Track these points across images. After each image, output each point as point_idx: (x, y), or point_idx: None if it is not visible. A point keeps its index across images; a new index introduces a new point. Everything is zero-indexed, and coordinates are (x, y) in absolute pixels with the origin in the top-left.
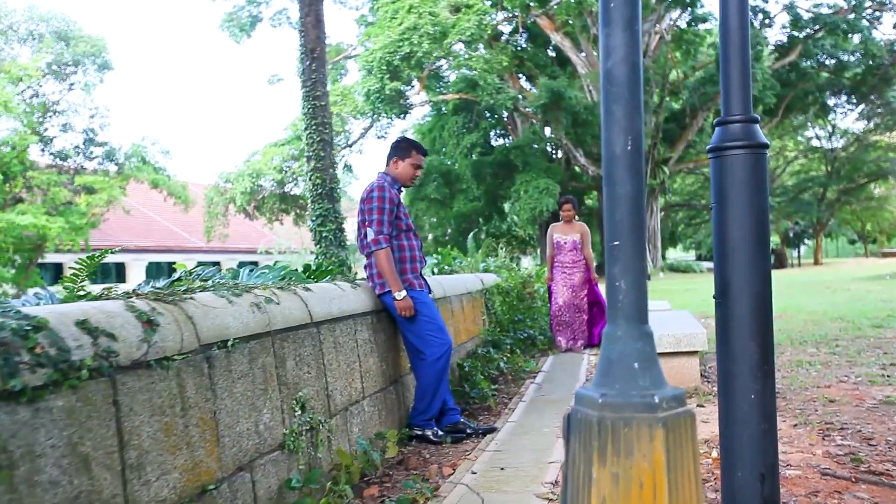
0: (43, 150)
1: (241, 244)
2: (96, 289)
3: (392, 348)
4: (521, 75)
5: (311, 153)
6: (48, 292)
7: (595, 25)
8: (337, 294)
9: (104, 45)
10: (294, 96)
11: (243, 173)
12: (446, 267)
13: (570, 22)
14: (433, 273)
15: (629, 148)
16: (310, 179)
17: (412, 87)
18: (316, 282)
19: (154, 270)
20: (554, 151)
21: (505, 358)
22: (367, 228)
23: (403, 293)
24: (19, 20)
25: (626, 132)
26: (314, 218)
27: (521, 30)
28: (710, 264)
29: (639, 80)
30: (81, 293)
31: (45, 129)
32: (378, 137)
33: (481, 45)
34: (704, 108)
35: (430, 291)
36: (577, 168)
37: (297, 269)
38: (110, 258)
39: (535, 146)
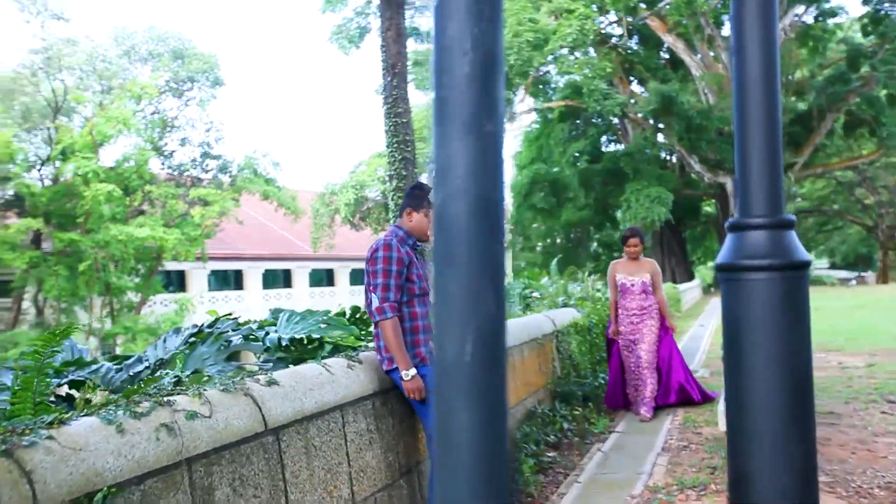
0: (163, 164)
1: (353, 252)
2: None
3: (406, 432)
4: (632, 79)
5: (393, 172)
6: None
7: (710, 26)
8: (320, 380)
9: (216, 62)
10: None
11: (347, 185)
12: (534, 293)
13: (684, 23)
14: (517, 301)
15: None
16: (392, 200)
17: (515, 94)
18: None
19: (270, 278)
20: (668, 158)
21: (572, 414)
22: (372, 294)
23: (412, 372)
24: (140, 41)
25: None
26: None
27: (626, 33)
28: (845, 273)
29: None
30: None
31: (165, 144)
32: None
33: (589, 50)
34: (833, 109)
35: None
36: (693, 175)
37: (341, 315)
38: (227, 265)
39: (647, 152)
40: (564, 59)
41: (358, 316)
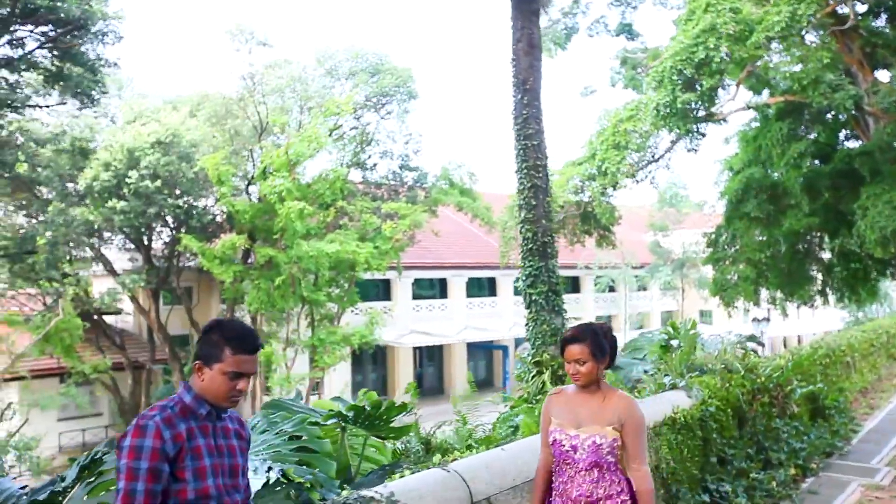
0: (363, 178)
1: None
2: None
3: None
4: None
5: (521, 201)
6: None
7: None
8: None
9: (410, 75)
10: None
11: None
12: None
13: None
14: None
15: None
16: (521, 232)
17: (726, 90)
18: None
19: (475, 286)
20: None
21: None
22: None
23: None
24: (340, 60)
25: None
26: (524, 277)
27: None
28: None
29: None
30: None
31: (368, 157)
32: (688, 151)
33: (810, 35)
34: None
35: None
36: None
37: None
38: (432, 274)
39: (893, 152)
40: (786, 46)
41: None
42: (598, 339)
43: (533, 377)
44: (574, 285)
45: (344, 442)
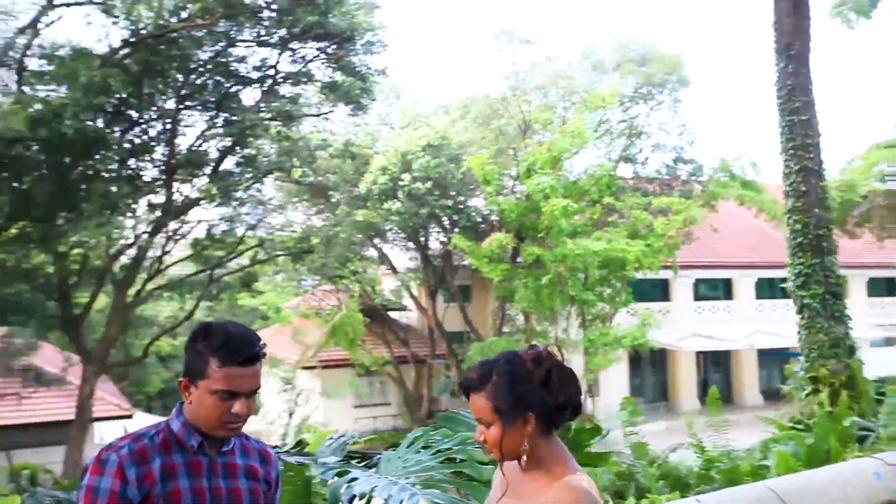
0: (634, 173)
1: (862, 258)
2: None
3: None
4: None
5: (788, 188)
6: None
7: None
8: None
9: (680, 62)
10: None
11: (831, 185)
12: None
13: None
14: None
15: None
16: (788, 224)
17: None
18: None
19: (765, 287)
20: None
21: None
22: None
23: None
24: (606, 52)
25: None
26: (792, 277)
27: None
28: None
29: None
30: None
31: (639, 151)
32: None
33: None
34: None
35: None
36: None
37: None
38: (716, 274)
39: None
40: None
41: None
42: (505, 385)
43: (807, 395)
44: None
45: None
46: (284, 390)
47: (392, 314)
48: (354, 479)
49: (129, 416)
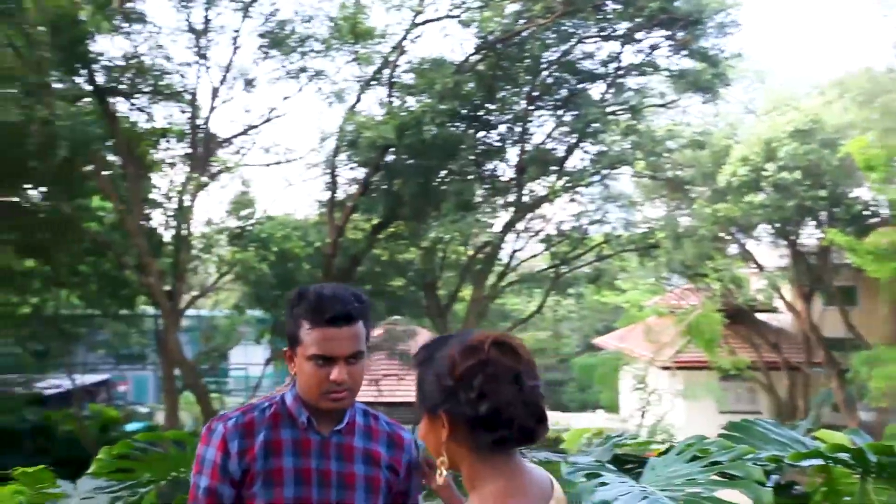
0: None
1: None
2: None
3: None
4: None
5: None
6: None
7: None
8: None
9: None
10: None
11: None
12: None
13: None
14: None
15: None
16: None
17: None
18: None
19: None
20: None
21: None
22: None
23: None
24: None
25: None
26: None
27: None
28: None
29: None
30: None
31: None
32: None
33: None
34: None
35: None
36: None
37: None
38: None
39: None
40: None
41: None
42: (422, 371)
43: None
44: None
45: (865, 499)
46: (637, 389)
47: (760, 316)
48: (604, 484)
49: None
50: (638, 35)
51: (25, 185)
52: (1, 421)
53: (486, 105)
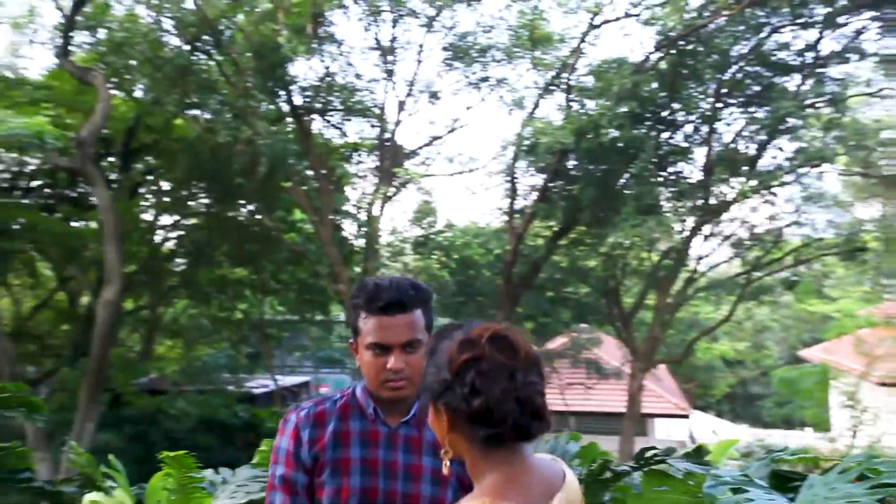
0: None
1: None
2: None
3: None
4: None
5: None
6: None
7: None
8: None
9: None
10: None
11: None
12: None
13: None
14: None
15: None
16: None
17: None
18: None
19: None
20: None
21: None
22: None
23: None
24: None
25: None
26: None
27: None
28: None
29: None
30: None
31: None
32: None
33: None
34: None
35: None
36: None
37: None
38: None
39: None
40: None
41: None
42: (427, 360)
43: None
44: None
45: None
46: (847, 406)
47: None
48: (749, 501)
49: (685, 416)
50: (840, 19)
51: (239, 202)
52: (219, 416)
53: (670, 105)
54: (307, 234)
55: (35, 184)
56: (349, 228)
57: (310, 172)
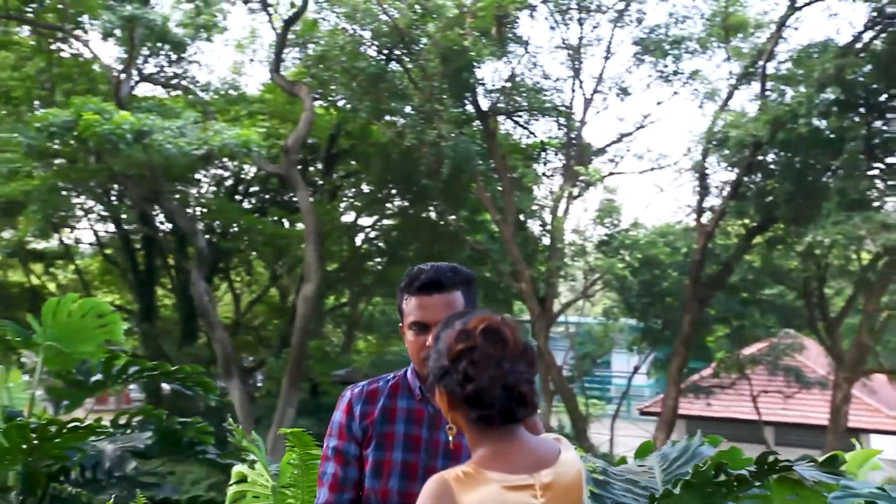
0: None
1: None
2: None
3: None
4: None
5: None
6: None
7: None
8: None
9: None
10: None
11: None
12: None
13: None
14: None
15: None
16: None
17: None
18: None
19: None
20: None
21: None
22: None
23: None
24: None
25: None
26: None
27: None
28: None
29: None
30: None
31: None
32: None
33: None
34: None
35: None
36: None
37: None
38: None
39: None
40: None
41: None
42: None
43: None
44: None
45: None
46: None
47: None
48: None
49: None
50: None
51: (428, 203)
52: None
53: (887, 89)
54: (491, 234)
55: (251, 190)
56: (533, 227)
57: (494, 173)
